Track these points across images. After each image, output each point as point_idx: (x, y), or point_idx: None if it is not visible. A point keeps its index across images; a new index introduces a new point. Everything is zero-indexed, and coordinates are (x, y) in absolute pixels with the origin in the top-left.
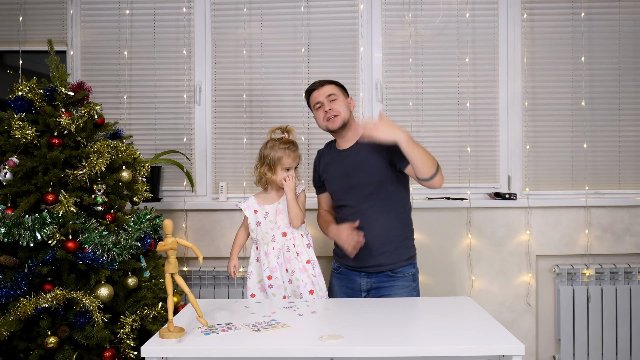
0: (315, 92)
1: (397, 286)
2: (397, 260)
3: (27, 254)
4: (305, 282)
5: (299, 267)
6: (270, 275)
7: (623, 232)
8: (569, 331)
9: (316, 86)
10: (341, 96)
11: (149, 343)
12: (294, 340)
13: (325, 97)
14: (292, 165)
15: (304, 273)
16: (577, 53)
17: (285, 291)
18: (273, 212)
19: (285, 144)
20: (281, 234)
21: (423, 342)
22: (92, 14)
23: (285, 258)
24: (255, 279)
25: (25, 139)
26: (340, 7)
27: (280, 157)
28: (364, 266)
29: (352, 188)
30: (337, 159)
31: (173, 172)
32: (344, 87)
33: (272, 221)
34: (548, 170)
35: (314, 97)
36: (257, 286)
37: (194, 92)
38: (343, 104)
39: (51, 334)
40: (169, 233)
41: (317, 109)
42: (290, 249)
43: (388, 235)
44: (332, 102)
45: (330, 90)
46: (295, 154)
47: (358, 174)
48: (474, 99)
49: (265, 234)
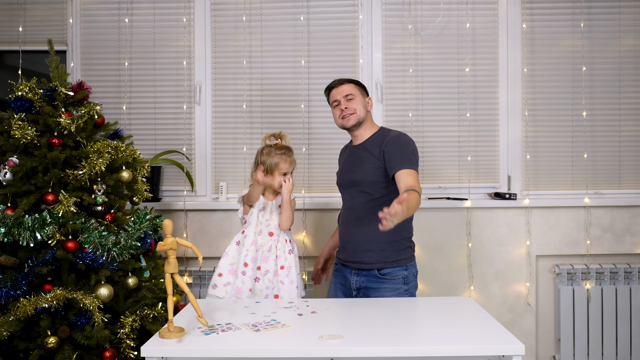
0: (335, 90)
1: (385, 288)
2: (381, 261)
3: (27, 254)
4: (273, 286)
5: (273, 269)
6: (247, 263)
7: (623, 232)
8: (569, 331)
9: (335, 84)
10: (359, 95)
11: (149, 343)
12: (294, 340)
13: (343, 96)
14: (288, 170)
15: (275, 277)
16: (577, 53)
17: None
18: (269, 209)
19: (280, 149)
20: (268, 233)
21: (423, 342)
22: (92, 14)
23: (263, 257)
24: (228, 260)
25: (25, 139)
26: (340, 7)
27: (277, 163)
28: (350, 260)
29: (350, 183)
30: (349, 154)
31: (173, 172)
32: (363, 87)
33: (264, 215)
34: (548, 170)
35: (332, 94)
36: (227, 268)
37: (194, 92)
38: (360, 103)
39: (51, 334)
40: (168, 233)
41: (335, 106)
42: (271, 249)
43: (374, 235)
44: (349, 101)
45: (349, 90)
46: (291, 159)
47: (358, 171)
48: (474, 99)
49: (257, 225)
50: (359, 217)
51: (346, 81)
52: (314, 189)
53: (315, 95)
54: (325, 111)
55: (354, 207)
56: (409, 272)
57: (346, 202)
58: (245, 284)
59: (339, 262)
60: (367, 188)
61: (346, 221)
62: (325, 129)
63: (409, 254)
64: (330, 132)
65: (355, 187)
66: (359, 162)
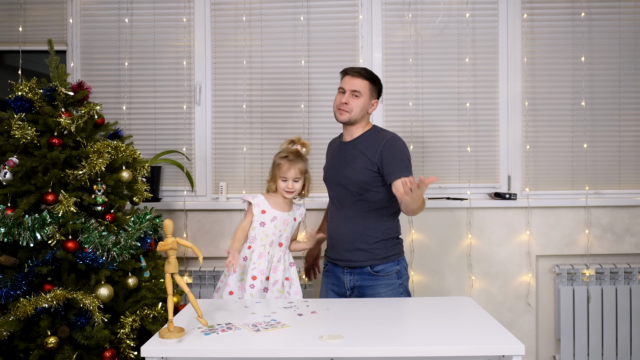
0: (347, 78)
1: (380, 285)
2: (372, 258)
3: (27, 254)
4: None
5: (281, 279)
6: (255, 277)
7: (623, 232)
8: (569, 331)
9: (352, 73)
10: (366, 95)
11: (149, 343)
12: (294, 340)
13: (351, 89)
14: (289, 177)
15: (283, 287)
16: (577, 53)
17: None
18: (281, 220)
19: (286, 152)
20: (278, 244)
21: (423, 342)
22: (92, 14)
23: (273, 267)
24: (237, 277)
25: (25, 139)
26: (340, 7)
27: (279, 164)
28: (340, 259)
29: (340, 181)
30: (338, 150)
31: (173, 172)
32: (378, 86)
33: (277, 227)
34: (548, 170)
35: (344, 81)
36: (237, 284)
37: (194, 92)
38: (361, 104)
39: (51, 334)
40: (169, 233)
41: (340, 92)
42: (281, 260)
43: (364, 234)
44: (353, 97)
45: (359, 86)
46: (291, 165)
47: (348, 169)
48: (474, 99)
49: (265, 237)
50: (348, 215)
51: (362, 76)
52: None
53: (315, 96)
54: (325, 111)
55: (342, 205)
56: (401, 265)
57: (334, 200)
58: (255, 297)
59: (329, 261)
60: (355, 187)
61: (335, 219)
62: (325, 129)
63: (398, 249)
64: (330, 132)
65: (344, 184)
66: (349, 160)
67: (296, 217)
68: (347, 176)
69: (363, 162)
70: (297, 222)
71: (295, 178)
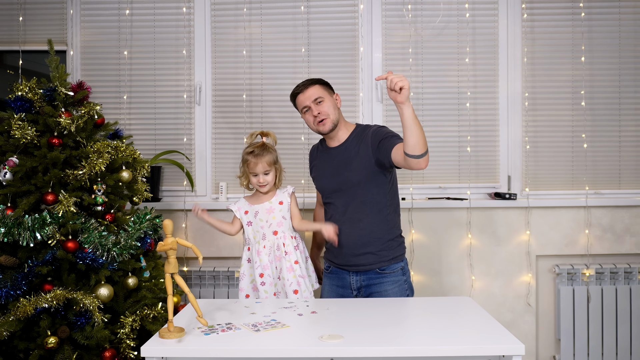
0: (301, 96)
1: (386, 282)
2: (382, 260)
3: (27, 254)
4: (290, 282)
5: (286, 266)
6: (262, 273)
7: (623, 232)
8: (569, 331)
9: (300, 89)
10: (327, 96)
11: (149, 343)
12: (294, 340)
13: (312, 100)
14: (259, 171)
15: (291, 272)
16: (577, 53)
17: (275, 287)
18: (264, 211)
19: (252, 147)
20: (272, 232)
21: (423, 342)
22: (92, 14)
23: (275, 256)
24: (247, 279)
25: (25, 139)
26: (340, 7)
27: (247, 161)
28: (348, 264)
29: (339, 186)
30: (327, 157)
31: (173, 172)
32: (328, 84)
33: (262, 219)
34: (548, 170)
35: (300, 101)
36: (249, 286)
37: (194, 92)
38: (330, 105)
39: (51, 334)
40: (168, 233)
41: (305, 112)
42: (280, 247)
43: (371, 236)
44: (319, 104)
45: (316, 93)
46: (258, 159)
47: (345, 172)
48: (474, 99)
49: (257, 233)
50: (353, 219)
51: (310, 84)
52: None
53: None
54: None
55: (346, 210)
56: (404, 262)
57: (336, 207)
58: (269, 292)
59: (332, 265)
60: (358, 188)
61: (339, 225)
62: None
63: (402, 249)
64: None
65: (346, 189)
66: (346, 164)
67: (282, 200)
68: (346, 180)
69: (360, 160)
70: (287, 202)
71: (265, 171)
